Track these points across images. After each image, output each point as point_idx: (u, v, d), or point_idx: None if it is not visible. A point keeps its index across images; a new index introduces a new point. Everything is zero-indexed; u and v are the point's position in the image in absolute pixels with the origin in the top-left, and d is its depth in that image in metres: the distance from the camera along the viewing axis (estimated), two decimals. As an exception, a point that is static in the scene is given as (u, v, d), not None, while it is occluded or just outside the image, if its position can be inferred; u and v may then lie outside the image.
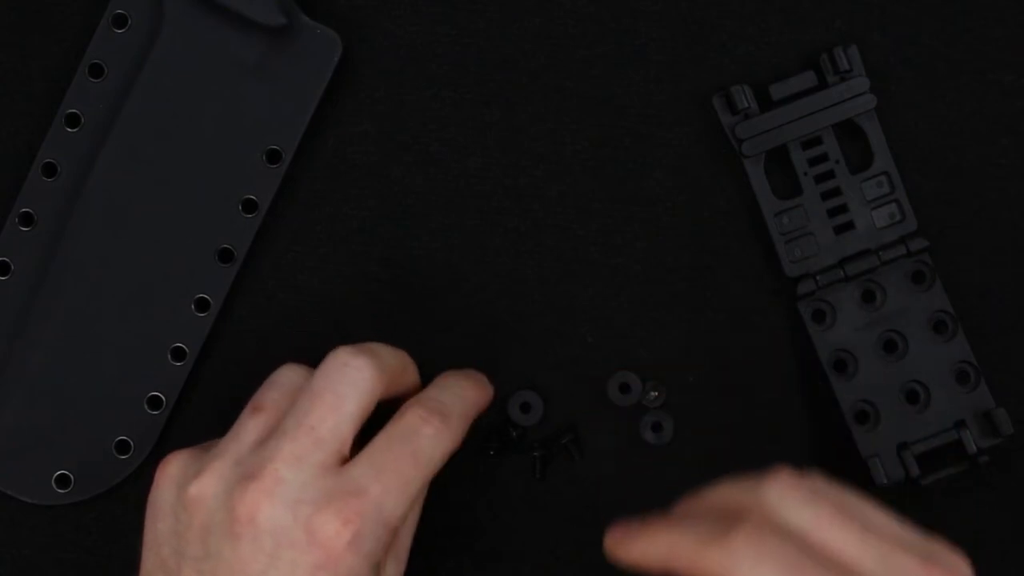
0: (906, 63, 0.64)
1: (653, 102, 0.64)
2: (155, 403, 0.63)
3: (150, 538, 0.55)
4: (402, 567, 0.57)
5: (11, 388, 0.62)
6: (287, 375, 0.57)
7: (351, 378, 0.55)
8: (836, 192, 0.62)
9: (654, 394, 0.63)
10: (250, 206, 0.63)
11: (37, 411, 0.62)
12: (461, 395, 0.58)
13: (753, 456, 0.63)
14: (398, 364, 0.57)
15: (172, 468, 0.55)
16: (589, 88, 0.64)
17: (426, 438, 0.55)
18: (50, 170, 0.63)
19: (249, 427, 0.55)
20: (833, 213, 0.62)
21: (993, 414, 0.61)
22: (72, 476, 0.62)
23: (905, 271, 0.62)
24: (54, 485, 0.62)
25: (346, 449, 0.54)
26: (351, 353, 0.55)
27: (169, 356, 0.63)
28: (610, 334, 0.64)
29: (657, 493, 0.63)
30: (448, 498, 0.63)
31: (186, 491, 0.54)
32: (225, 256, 0.63)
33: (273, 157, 0.63)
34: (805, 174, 0.62)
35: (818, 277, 0.61)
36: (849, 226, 0.62)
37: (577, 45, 0.64)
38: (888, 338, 0.62)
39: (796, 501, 0.49)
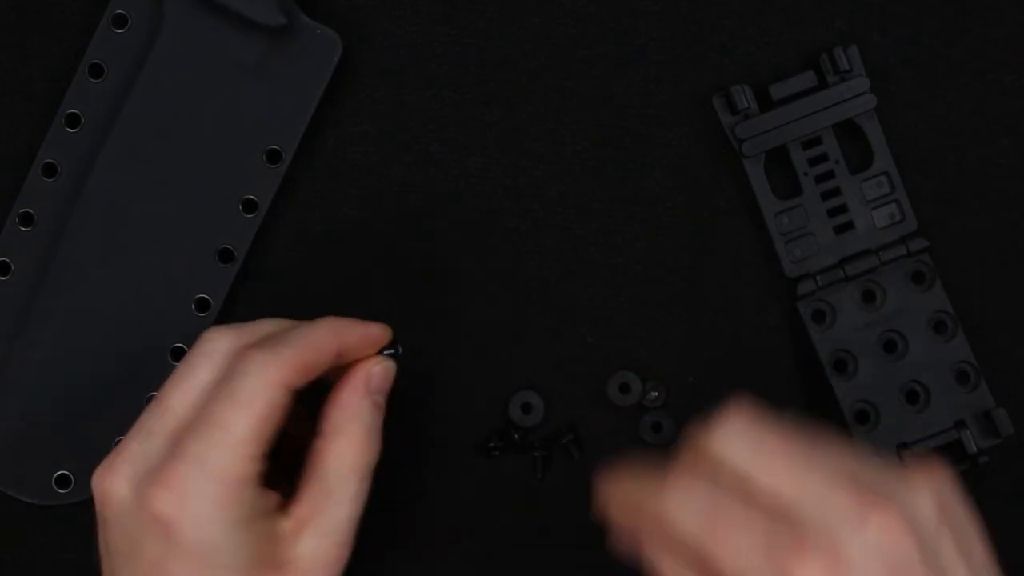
0: (906, 63, 0.64)
1: (653, 102, 0.64)
2: (155, 403, 0.63)
3: None
4: (330, 543, 0.53)
5: (11, 388, 0.62)
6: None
7: (200, 349, 0.54)
8: (836, 192, 0.62)
9: (654, 394, 0.63)
10: (250, 206, 0.63)
11: (37, 411, 0.62)
12: (305, 327, 0.55)
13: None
14: (271, 330, 0.55)
15: (95, 472, 0.55)
16: (589, 88, 0.64)
17: (242, 374, 0.52)
18: (50, 170, 0.63)
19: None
20: (833, 213, 0.62)
21: (993, 414, 0.61)
22: (72, 476, 0.62)
23: (905, 271, 0.62)
24: (54, 485, 0.62)
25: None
26: (209, 329, 0.54)
27: (169, 356, 0.63)
28: (610, 334, 0.64)
29: (657, 493, 0.63)
30: (448, 498, 0.63)
31: (94, 494, 0.54)
32: (225, 256, 0.63)
33: (273, 157, 0.63)
34: (805, 174, 0.62)
35: (818, 277, 0.62)
36: (849, 226, 0.62)
37: (577, 45, 0.64)
38: (888, 338, 0.62)
39: (740, 442, 0.48)
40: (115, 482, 0.52)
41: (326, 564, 0.53)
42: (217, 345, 0.54)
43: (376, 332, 0.56)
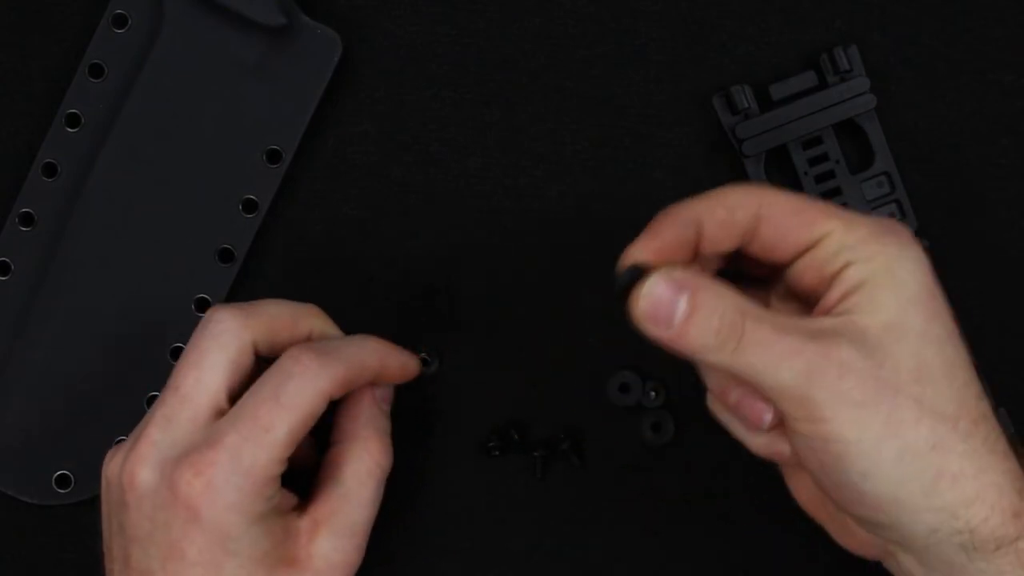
0: (906, 63, 0.64)
1: (653, 102, 0.64)
2: (155, 403, 0.63)
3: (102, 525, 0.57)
4: (347, 545, 0.55)
5: (11, 388, 0.62)
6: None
7: (211, 331, 0.55)
8: (836, 192, 0.62)
9: (654, 394, 0.63)
10: (250, 206, 0.63)
11: (37, 411, 0.62)
12: (355, 342, 0.57)
13: (752, 456, 0.63)
14: (283, 313, 0.56)
15: (105, 459, 0.57)
16: (589, 88, 0.64)
17: (292, 377, 0.54)
18: (50, 170, 0.63)
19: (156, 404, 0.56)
20: None
21: (995, 414, 0.61)
22: (72, 476, 0.62)
23: None
24: (54, 485, 0.62)
25: (221, 401, 0.54)
26: (216, 309, 0.56)
27: (170, 356, 0.63)
28: (610, 334, 0.63)
29: (657, 493, 0.63)
30: (448, 498, 0.63)
31: (105, 480, 0.56)
32: (225, 256, 0.63)
33: (273, 157, 0.63)
34: (805, 174, 0.62)
35: None
36: None
37: (577, 45, 0.64)
38: None
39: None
40: (141, 468, 0.53)
41: (340, 564, 0.55)
42: (226, 327, 0.55)
43: (413, 366, 0.59)
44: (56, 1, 0.65)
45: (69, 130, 0.63)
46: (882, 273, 0.50)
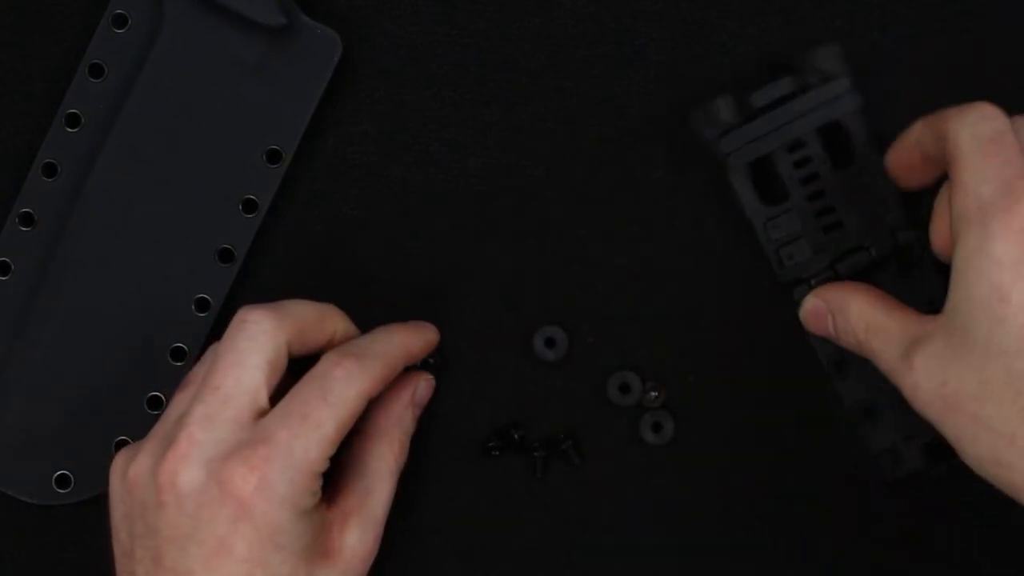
0: (906, 63, 0.64)
1: (653, 102, 0.64)
2: (156, 403, 0.63)
3: (113, 529, 0.57)
4: (370, 537, 0.57)
5: (11, 388, 0.62)
6: (212, 348, 0.58)
7: (248, 332, 0.56)
8: (823, 193, 0.61)
9: (654, 394, 0.63)
10: (250, 206, 0.63)
11: (37, 411, 0.62)
12: (383, 339, 0.59)
13: (753, 456, 0.63)
14: (310, 313, 0.58)
15: (119, 460, 0.57)
16: (589, 88, 0.64)
17: (337, 380, 0.56)
18: (50, 170, 0.63)
19: (176, 403, 0.57)
20: (821, 214, 0.61)
21: None
22: (72, 476, 0.62)
23: (898, 264, 0.61)
24: (54, 485, 0.62)
25: (262, 401, 0.55)
26: (249, 310, 0.56)
27: (170, 356, 0.63)
28: (610, 334, 0.64)
29: (657, 493, 0.63)
30: (448, 498, 0.63)
31: (126, 476, 0.56)
32: (225, 256, 0.63)
33: (273, 157, 0.63)
34: (791, 178, 0.61)
35: (812, 281, 0.60)
36: (838, 226, 0.61)
37: (577, 45, 0.64)
38: None
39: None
40: (185, 467, 0.54)
41: (365, 555, 0.57)
42: (263, 328, 0.56)
43: (434, 338, 0.62)
44: (56, 1, 0.65)
45: (69, 130, 0.63)
46: (960, 268, 0.51)
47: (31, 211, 0.63)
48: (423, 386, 0.61)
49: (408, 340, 0.60)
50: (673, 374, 0.63)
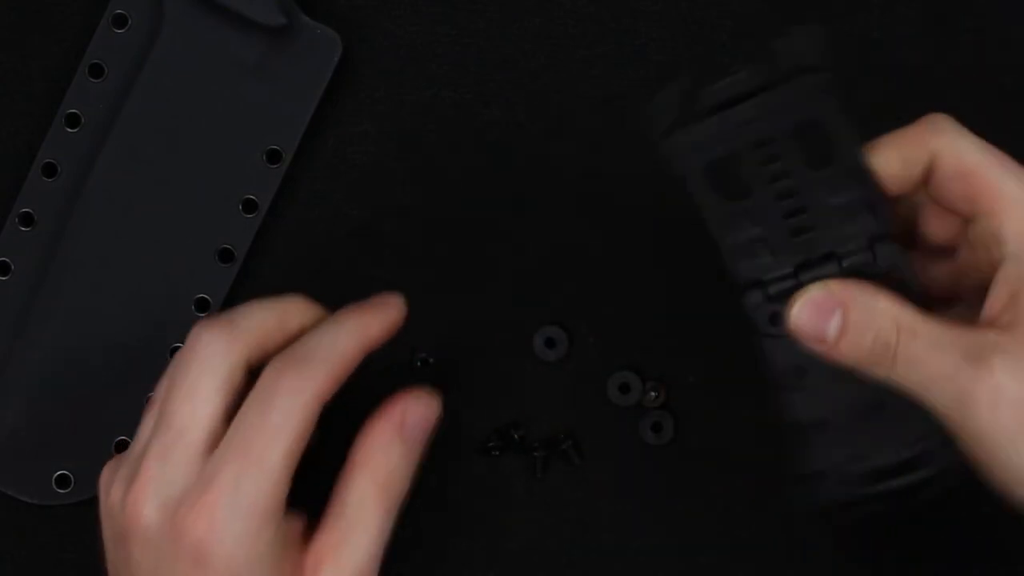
0: (906, 63, 0.64)
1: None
2: (155, 403, 0.63)
3: (104, 544, 0.55)
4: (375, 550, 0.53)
5: (11, 388, 0.62)
6: (171, 365, 0.55)
7: (199, 356, 0.52)
8: (793, 193, 0.53)
9: (654, 394, 0.63)
10: (250, 206, 0.63)
11: (37, 411, 0.62)
12: (331, 333, 0.53)
13: (753, 456, 0.63)
14: (268, 319, 0.54)
15: (103, 476, 0.55)
16: (589, 88, 0.64)
17: (280, 396, 0.51)
18: (50, 170, 0.63)
19: (144, 425, 0.55)
20: (790, 215, 0.53)
21: None
22: (72, 476, 0.62)
23: (872, 277, 0.53)
24: (54, 485, 0.62)
25: (218, 431, 0.52)
26: (202, 328, 0.53)
27: (169, 356, 0.63)
28: (610, 334, 0.64)
29: (657, 493, 0.63)
30: (448, 498, 0.63)
31: (107, 499, 0.54)
32: (225, 256, 0.63)
33: (273, 157, 0.63)
34: (757, 175, 0.53)
35: (770, 288, 0.53)
36: (808, 230, 0.53)
37: (577, 45, 0.64)
38: None
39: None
40: (143, 506, 0.52)
41: None
42: (213, 349, 0.53)
43: (397, 316, 0.56)
44: (56, 1, 0.65)
45: (69, 130, 0.63)
46: None
47: (31, 211, 0.63)
48: (415, 407, 0.54)
49: (362, 327, 0.54)
50: (673, 374, 0.63)
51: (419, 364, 0.62)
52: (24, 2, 0.65)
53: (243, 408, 0.52)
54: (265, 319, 0.54)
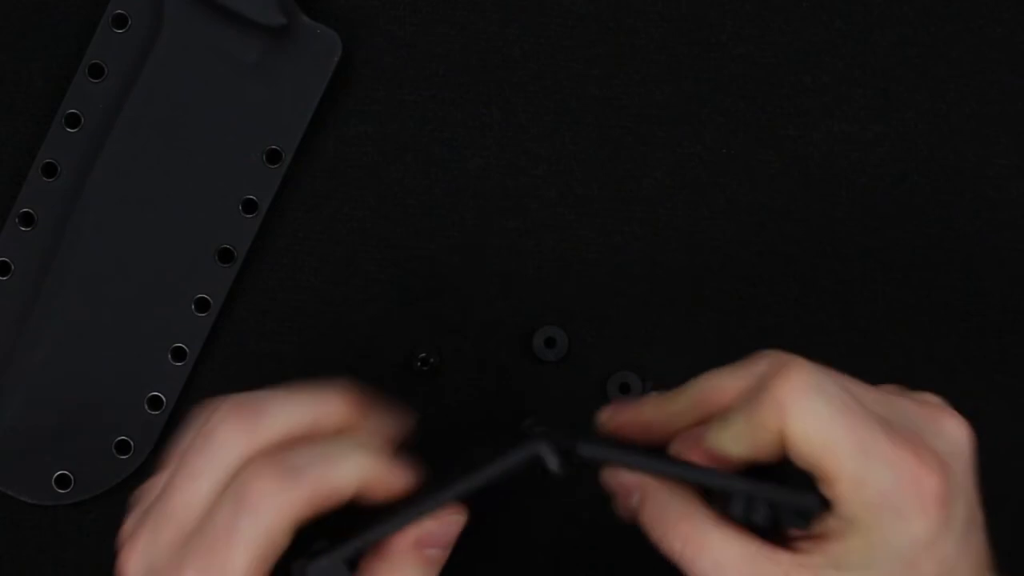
0: (906, 63, 0.64)
1: (653, 102, 0.64)
2: (155, 403, 0.63)
3: None
4: None
5: (11, 388, 0.62)
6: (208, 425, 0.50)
7: (213, 442, 0.48)
8: None
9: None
10: (250, 206, 0.63)
11: (37, 411, 0.62)
12: (340, 454, 0.48)
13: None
14: (301, 419, 0.49)
15: (132, 497, 0.52)
16: (589, 88, 0.64)
17: (254, 502, 0.47)
18: (50, 170, 0.63)
19: (162, 474, 0.51)
20: None
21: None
22: (72, 476, 0.62)
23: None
24: (54, 485, 0.62)
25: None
26: (224, 412, 0.48)
27: (169, 356, 0.62)
28: (610, 334, 0.64)
29: (657, 493, 0.63)
30: (448, 498, 0.63)
31: (122, 528, 0.51)
32: (225, 256, 0.63)
33: (273, 157, 0.63)
34: None
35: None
36: None
37: (577, 45, 0.64)
38: None
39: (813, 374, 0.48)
40: (130, 565, 0.49)
41: None
42: (229, 440, 0.48)
43: (398, 485, 0.49)
44: (56, 1, 0.65)
45: (69, 130, 0.63)
46: (862, 542, 0.47)
47: (31, 211, 0.63)
48: (434, 525, 0.49)
49: (368, 467, 0.48)
50: (673, 374, 0.63)
51: (419, 364, 0.62)
52: (24, 2, 0.65)
53: (218, 501, 0.48)
54: (295, 418, 0.49)
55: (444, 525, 0.49)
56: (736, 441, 0.49)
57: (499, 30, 0.64)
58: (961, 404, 0.50)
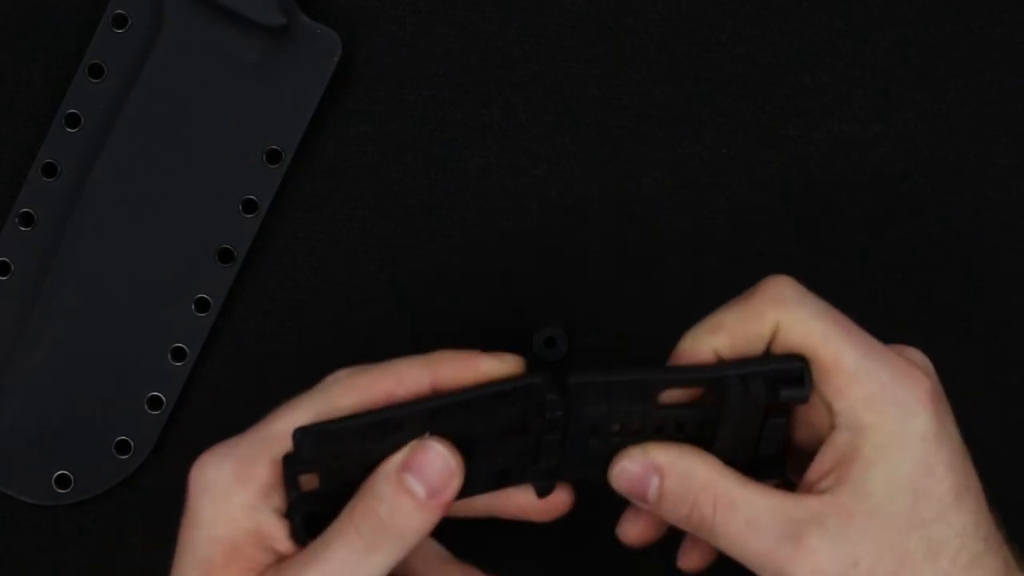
0: (906, 63, 0.64)
1: (653, 102, 0.64)
2: (155, 403, 0.63)
3: None
4: None
5: (11, 388, 0.62)
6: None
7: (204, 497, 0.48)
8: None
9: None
10: (250, 206, 0.63)
11: (37, 411, 0.62)
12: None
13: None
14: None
15: None
16: (589, 88, 0.64)
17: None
18: (50, 170, 0.63)
19: None
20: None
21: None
22: (72, 476, 0.62)
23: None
24: (54, 485, 0.62)
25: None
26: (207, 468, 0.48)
27: (169, 356, 0.63)
28: (610, 334, 0.63)
29: (657, 493, 0.63)
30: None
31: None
32: (225, 256, 0.63)
33: (273, 157, 0.63)
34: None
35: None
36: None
37: (577, 45, 0.64)
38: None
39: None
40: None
41: None
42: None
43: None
44: (56, 1, 0.65)
45: (69, 130, 0.63)
46: (874, 449, 0.47)
47: (31, 211, 0.63)
48: (422, 454, 0.48)
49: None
50: (673, 374, 0.63)
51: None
52: (24, 2, 0.65)
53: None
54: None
55: (432, 457, 0.47)
56: (731, 338, 0.49)
57: (499, 30, 0.64)
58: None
